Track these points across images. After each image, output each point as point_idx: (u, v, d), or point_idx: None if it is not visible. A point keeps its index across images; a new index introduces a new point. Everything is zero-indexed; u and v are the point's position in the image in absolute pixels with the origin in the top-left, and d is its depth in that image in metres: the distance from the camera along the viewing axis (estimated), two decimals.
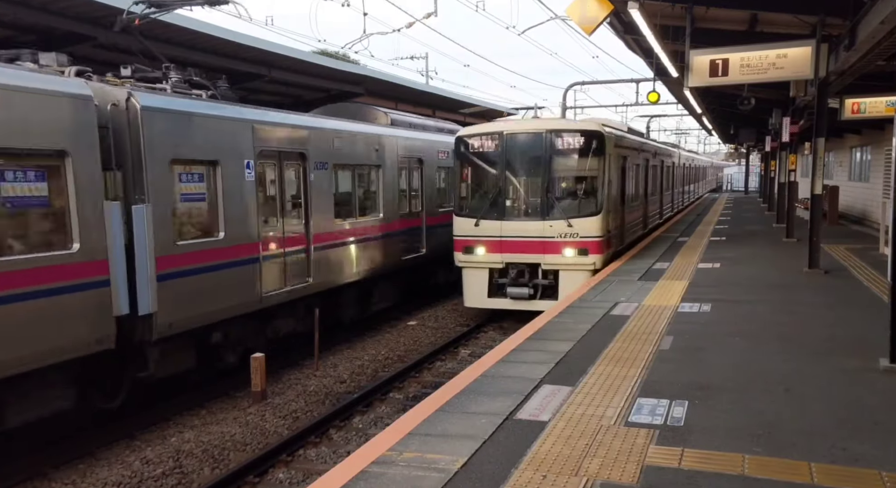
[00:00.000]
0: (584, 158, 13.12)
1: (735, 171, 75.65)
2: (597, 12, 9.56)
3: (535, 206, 13.18)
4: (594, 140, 12.97)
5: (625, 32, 13.38)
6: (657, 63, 14.74)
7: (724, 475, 4.33)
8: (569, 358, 7.10)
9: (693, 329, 8.26)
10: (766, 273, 12.52)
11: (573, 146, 13.03)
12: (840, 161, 27.08)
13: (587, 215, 12.93)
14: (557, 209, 12.96)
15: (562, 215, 12.88)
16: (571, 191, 13.46)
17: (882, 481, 4.23)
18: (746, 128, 31.35)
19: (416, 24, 18.73)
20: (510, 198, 13.44)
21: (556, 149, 13.03)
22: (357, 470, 4.48)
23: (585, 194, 13.23)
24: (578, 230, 12.79)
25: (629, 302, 9.96)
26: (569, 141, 12.98)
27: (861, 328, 8.14)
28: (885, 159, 18.60)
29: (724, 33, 12.64)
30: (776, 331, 8.13)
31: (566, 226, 12.80)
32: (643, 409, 5.53)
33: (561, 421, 5.29)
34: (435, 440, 4.98)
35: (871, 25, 8.93)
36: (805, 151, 22.55)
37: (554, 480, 4.30)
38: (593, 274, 12.77)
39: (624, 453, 4.68)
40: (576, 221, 12.82)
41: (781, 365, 6.73)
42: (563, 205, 13.09)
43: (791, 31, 12.13)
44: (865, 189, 22.04)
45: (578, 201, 13.21)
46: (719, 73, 11.36)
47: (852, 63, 11.33)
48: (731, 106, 20.73)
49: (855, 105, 15.89)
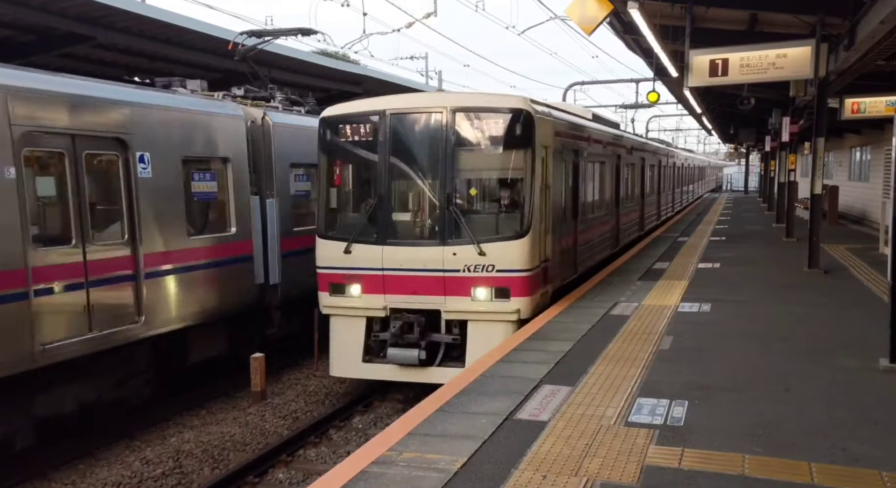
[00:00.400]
0: (506, 151, 8.93)
1: (735, 171, 75.66)
2: (596, 12, 9.57)
3: (431, 224, 8.96)
4: (517, 125, 8.71)
5: (624, 32, 13.39)
6: (657, 63, 14.74)
7: (725, 475, 4.33)
8: (569, 357, 7.10)
9: (693, 329, 8.26)
10: (765, 273, 12.51)
11: (488, 133, 8.87)
12: (840, 161, 27.10)
13: (508, 237, 8.70)
14: (464, 228, 8.66)
15: (470, 238, 8.60)
16: (488, 199, 9.42)
17: (882, 481, 4.23)
18: (746, 128, 31.37)
19: (415, 24, 18.73)
20: (395, 211, 9.18)
21: (463, 137, 8.83)
22: (357, 470, 4.48)
23: (507, 206, 9.05)
24: (495, 260, 8.60)
25: (629, 302, 9.95)
26: (481, 125, 8.85)
27: (861, 328, 8.14)
28: (884, 159, 18.59)
29: (723, 33, 12.65)
30: (776, 330, 8.13)
31: (477, 255, 8.57)
32: (643, 409, 5.53)
33: (561, 421, 5.29)
34: (435, 440, 4.98)
35: (870, 25, 8.93)
36: (805, 151, 22.59)
37: (554, 480, 4.29)
38: (519, 325, 8.69)
39: (624, 453, 4.68)
40: (491, 247, 8.60)
41: (781, 364, 6.73)
42: (474, 223, 8.83)
43: (791, 31, 12.13)
44: (865, 189, 22.05)
45: (496, 216, 9.02)
46: (719, 72, 11.36)
47: (852, 63, 11.34)
48: (730, 106, 20.74)
49: (855, 105, 15.90)
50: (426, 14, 19.11)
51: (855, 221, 22.87)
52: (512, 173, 8.99)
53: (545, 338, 7.96)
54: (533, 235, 8.79)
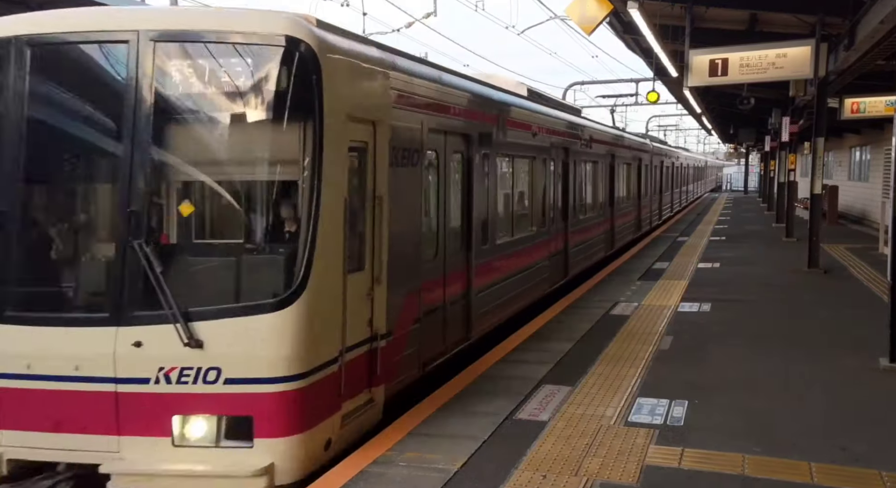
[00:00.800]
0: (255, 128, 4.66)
1: (734, 171, 75.74)
2: (596, 12, 9.57)
3: (91, 277, 4.77)
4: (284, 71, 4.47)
5: (624, 32, 13.40)
6: (657, 63, 14.75)
7: (724, 474, 4.33)
8: (568, 358, 7.09)
9: (693, 329, 8.25)
10: (765, 272, 12.52)
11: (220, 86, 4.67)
12: (839, 160, 27.13)
13: (253, 308, 4.39)
14: (160, 288, 4.31)
15: (172, 310, 4.27)
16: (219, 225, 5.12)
17: (882, 480, 4.23)
18: (746, 128, 31.39)
19: (415, 23, 18.71)
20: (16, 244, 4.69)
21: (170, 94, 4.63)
22: (357, 469, 4.47)
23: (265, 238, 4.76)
24: (222, 358, 4.34)
25: (629, 302, 9.95)
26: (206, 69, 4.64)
27: (860, 327, 8.14)
28: (884, 159, 18.60)
29: (723, 33, 12.66)
30: (776, 330, 8.13)
31: (183, 347, 4.25)
32: (643, 409, 5.53)
33: (561, 421, 5.29)
34: (435, 440, 4.97)
35: (870, 25, 8.94)
36: (804, 151, 22.62)
37: (554, 480, 4.29)
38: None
39: (624, 453, 4.68)
40: (214, 330, 4.32)
41: (781, 364, 6.73)
42: (182, 276, 4.59)
43: (790, 31, 12.15)
44: (865, 188, 22.06)
45: (236, 261, 4.66)
46: (719, 72, 11.37)
47: (852, 62, 11.35)
48: (730, 105, 20.75)
49: (854, 104, 15.92)
50: (426, 14, 19.10)
51: (854, 221, 22.88)
52: (271, 172, 4.82)
53: (545, 338, 7.96)
54: (316, 298, 4.42)
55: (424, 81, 6.27)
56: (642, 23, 10.28)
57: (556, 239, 10.81)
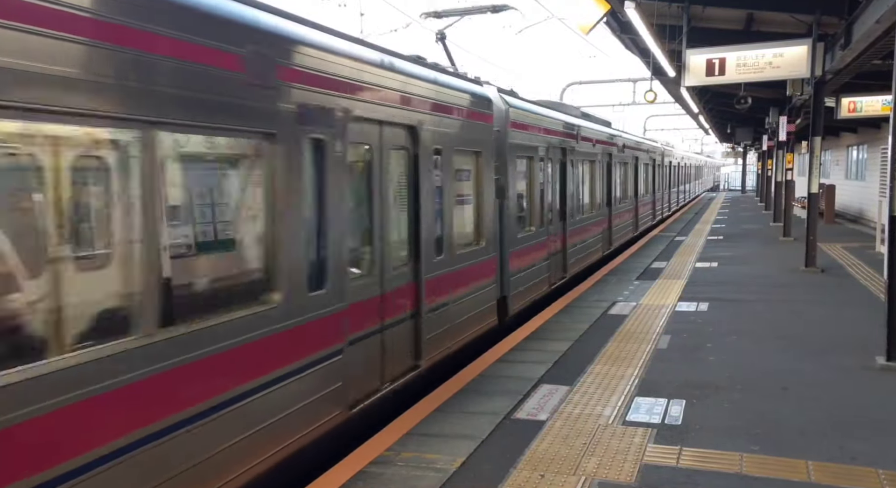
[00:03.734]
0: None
1: (732, 170, 75.81)
2: (593, 12, 9.58)
3: None
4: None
5: (621, 32, 13.41)
6: (654, 62, 14.75)
7: (722, 473, 4.34)
8: (567, 357, 7.11)
9: (691, 328, 8.27)
10: (763, 272, 12.54)
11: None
12: (836, 160, 27.15)
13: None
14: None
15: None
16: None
17: (879, 479, 4.24)
18: (743, 128, 31.39)
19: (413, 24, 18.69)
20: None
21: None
22: (356, 469, 4.48)
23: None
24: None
25: (627, 301, 9.97)
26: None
27: (858, 326, 8.16)
28: (881, 158, 18.62)
29: (720, 32, 12.67)
30: (773, 329, 8.14)
31: None
32: (641, 408, 5.54)
33: (559, 421, 5.30)
34: (433, 440, 4.98)
35: (866, 24, 8.94)
36: (802, 150, 22.65)
37: (552, 479, 4.30)
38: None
39: (622, 452, 4.69)
40: None
41: (779, 363, 6.75)
42: None
43: (787, 31, 12.16)
44: (862, 187, 22.09)
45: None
46: (716, 72, 11.39)
47: (848, 62, 11.35)
48: (727, 105, 20.76)
49: (851, 104, 15.95)
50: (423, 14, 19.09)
51: (851, 220, 22.91)
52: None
53: (543, 338, 7.97)
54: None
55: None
56: (639, 22, 10.27)
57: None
